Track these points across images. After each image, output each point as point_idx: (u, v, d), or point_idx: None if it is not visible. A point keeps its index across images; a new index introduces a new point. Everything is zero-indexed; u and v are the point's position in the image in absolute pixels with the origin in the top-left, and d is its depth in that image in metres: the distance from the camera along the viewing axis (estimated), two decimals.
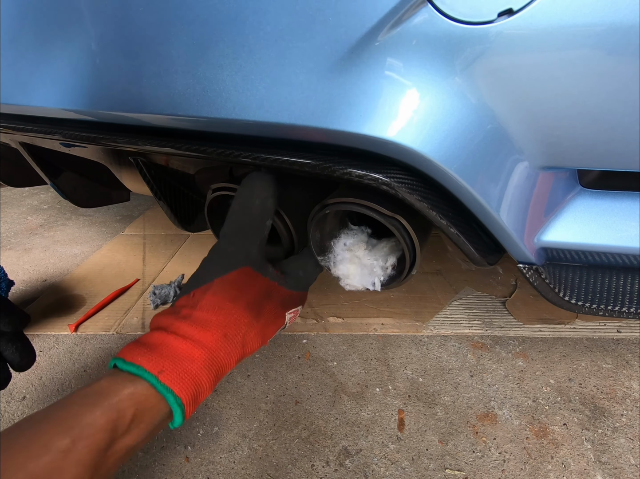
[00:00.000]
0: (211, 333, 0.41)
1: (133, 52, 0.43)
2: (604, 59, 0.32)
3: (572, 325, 0.83)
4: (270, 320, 0.46)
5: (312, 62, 0.36)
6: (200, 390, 0.39)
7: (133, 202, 1.65)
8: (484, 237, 0.47)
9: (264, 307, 0.46)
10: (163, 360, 0.37)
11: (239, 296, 0.44)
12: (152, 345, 0.39)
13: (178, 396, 0.36)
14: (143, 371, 0.36)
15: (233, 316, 0.43)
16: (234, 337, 0.42)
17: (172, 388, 0.36)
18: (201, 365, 0.39)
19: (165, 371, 0.37)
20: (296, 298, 0.51)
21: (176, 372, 0.37)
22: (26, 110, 0.57)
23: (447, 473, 0.56)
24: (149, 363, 0.37)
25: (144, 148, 0.49)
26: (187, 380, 0.37)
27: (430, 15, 0.32)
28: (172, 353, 0.38)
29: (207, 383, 0.39)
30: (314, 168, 0.41)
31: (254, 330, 0.44)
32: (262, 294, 0.46)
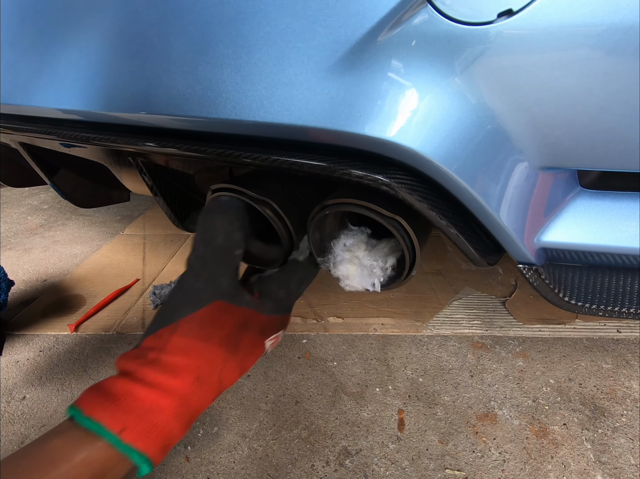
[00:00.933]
0: (181, 378, 0.37)
1: (133, 52, 0.43)
2: (603, 59, 0.32)
3: (572, 325, 0.83)
4: (248, 352, 0.42)
5: (312, 62, 0.36)
6: (170, 439, 0.36)
7: (133, 202, 1.66)
8: (484, 237, 0.47)
9: (241, 340, 0.42)
10: (126, 416, 0.34)
11: (211, 335, 0.40)
12: (114, 395, 0.35)
13: (144, 453, 0.33)
14: (102, 430, 0.33)
15: (205, 357, 0.39)
16: (208, 378, 0.38)
17: (137, 445, 0.33)
18: (171, 414, 0.35)
19: (129, 428, 0.33)
20: (276, 323, 0.46)
21: (141, 428, 0.34)
22: (26, 110, 0.57)
23: (447, 473, 0.56)
24: (110, 420, 0.33)
25: (144, 148, 0.49)
26: (155, 433, 0.34)
27: (430, 15, 0.32)
28: (137, 405, 0.35)
29: (179, 430, 0.36)
30: (313, 168, 0.41)
31: (230, 366, 0.40)
32: (238, 326, 0.42)
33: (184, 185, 0.66)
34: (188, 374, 0.37)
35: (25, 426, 0.66)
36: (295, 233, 0.56)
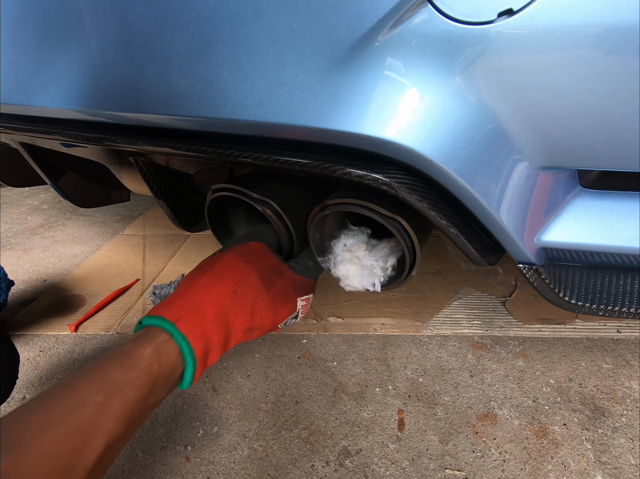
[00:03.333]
0: (222, 285, 0.43)
1: (133, 52, 0.43)
2: (603, 59, 0.32)
3: (572, 325, 0.83)
4: (281, 297, 0.48)
5: (312, 62, 0.36)
6: (209, 346, 0.40)
7: (133, 202, 1.65)
8: (484, 237, 0.47)
9: (275, 281, 0.48)
10: (179, 310, 0.40)
11: (252, 261, 0.47)
12: (172, 299, 0.42)
13: (191, 347, 0.38)
14: (162, 321, 0.38)
15: (245, 276, 0.45)
16: (243, 297, 0.44)
17: (187, 336, 0.38)
18: (209, 318, 0.40)
19: (182, 318, 0.39)
20: (307, 285, 0.53)
21: (191, 321, 0.39)
22: (26, 110, 0.57)
23: (447, 473, 0.56)
24: (168, 313, 0.39)
25: (144, 148, 0.49)
26: (200, 331, 0.39)
27: (430, 15, 0.32)
28: (187, 304, 0.41)
29: (217, 340, 0.40)
30: (314, 168, 0.41)
31: (263, 299, 0.45)
32: (274, 269, 0.49)
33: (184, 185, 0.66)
34: (229, 283, 0.44)
35: None
36: (295, 233, 0.56)
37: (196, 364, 0.39)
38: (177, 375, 0.38)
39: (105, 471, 0.31)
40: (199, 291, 0.42)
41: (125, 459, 0.60)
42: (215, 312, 0.41)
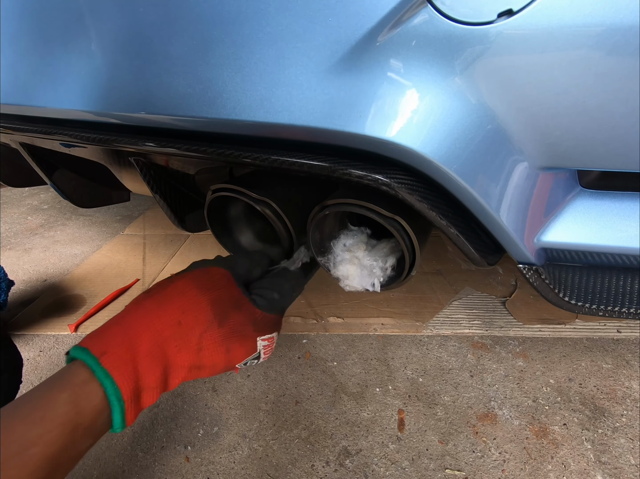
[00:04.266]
0: (166, 313, 0.38)
1: (133, 52, 0.43)
2: (603, 59, 0.32)
3: (572, 325, 0.83)
4: (236, 334, 0.41)
5: (312, 62, 0.36)
6: (142, 384, 0.35)
7: (133, 202, 1.65)
8: (484, 237, 0.47)
9: (230, 315, 0.41)
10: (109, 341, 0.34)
11: (207, 289, 0.41)
12: (106, 326, 0.37)
13: (117, 386, 0.33)
14: (86, 354, 0.33)
15: (194, 305, 0.39)
16: (189, 330, 0.38)
17: (112, 374, 0.33)
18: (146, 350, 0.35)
19: (108, 352, 0.33)
20: (269, 323, 0.46)
21: (119, 356, 0.33)
22: (26, 110, 0.57)
23: (447, 473, 0.56)
24: (95, 344, 0.34)
25: (144, 148, 0.49)
26: (130, 368, 0.34)
27: (430, 15, 0.32)
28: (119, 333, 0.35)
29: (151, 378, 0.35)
30: (313, 168, 0.41)
31: (213, 334, 0.39)
32: (231, 301, 0.42)
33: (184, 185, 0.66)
34: (174, 310, 0.38)
35: None
36: (295, 233, 0.56)
37: (124, 406, 0.33)
38: (104, 420, 0.33)
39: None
40: (136, 318, 0.37)
41: (125, 459, 0.60)
42: (151, 344, 0.36)
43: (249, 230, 0.70)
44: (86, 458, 0.61)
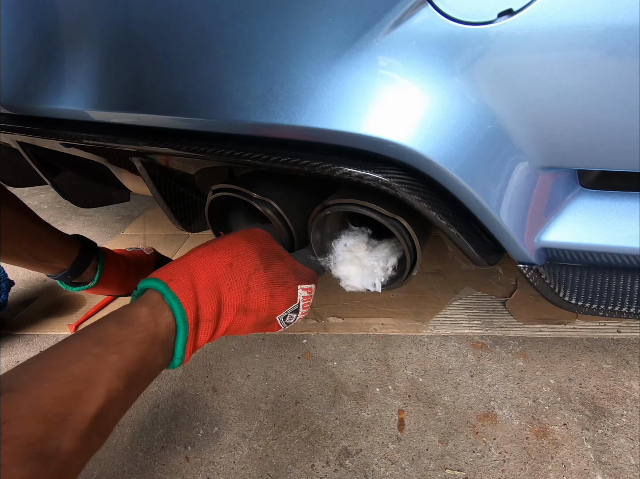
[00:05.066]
0: (219, 255, 0.42)
1: (133, 52, 0.43)
2: (604, 59, 0.32)
3: (572, 325, 0.83)
4: (279, 279, 0.46)
5: (312, 62, 0.36)
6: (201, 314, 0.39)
7: (133, 202, 1.65)
8: (484, 237, 0.47)
9: (274, 263, 0.46)
10: (172, 272, 0.39)
11: (253, 240, 0.47)
12: (168, 264, 0.41)
13: (182, 308, 0.36)
14: (155, 281, 0.38)
15: (242, 251, 0.44)
16: (239, 271, 0.43)
17: (179, 296, 0.37)
18: (204, 284, 0.39)
19: (174, 280, 0.38)
20: (307, 274, 0.51)
21: (183, 282, 0.38)
22: (26, 110, 0.57)
23: (447, 473, 0.56)
24: (161, 274, 0.39)
25: (144, 148, 0.49)
26: (191, 293, 0.38)
27: (430, 15, 0.32)
28: (180, 268, 0.40)
29: (208, 310, 0.39)
30: (313, 168, 0.41)
31: (260, 276, 0.44)
32: (274, 253, 0.48)
33: (184, 185, 0.66)
34: (226, 254, 0.43)
35: None
36: (296, 233, 0.56)
37: (188, 331, 0.37)
38: (171, 342, 0.37)
39: (108, 432, 0.31)
40: (194, 258, 0.42)
41: (125, 459, 0.60)
42: (207, 280, 0.40)
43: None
44: None
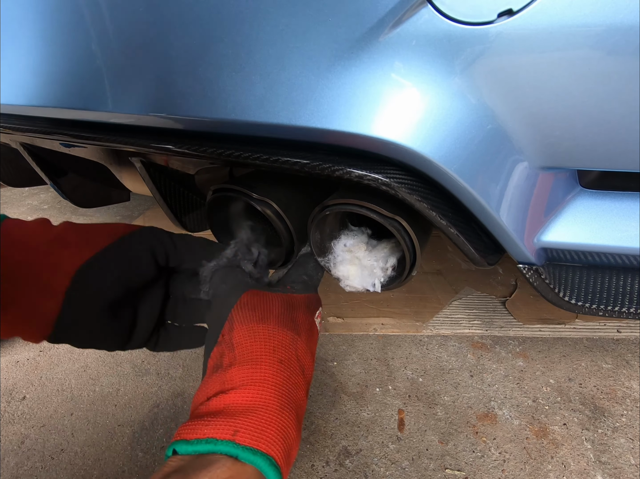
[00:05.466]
0: (266, 364, 0.34)
1: (133, 52, 0.43)
2: (603, 59, 0.32)
3: (572, 325, 0.83)
4: (308, 331, 0.41)
5: (311, 62, 0.36)
6: (287, 438, 0.32)
7: (133, 202, 1.65)
8: (484, 237, 0.47)
9: (296, 318, 0.41)
10: (233, 420, 0.30)
11: (266, 316, 0.38)
12: (212, 412, 0.31)
13: (266, 454, 0.29)
14: (215, 442, 0.28)
15: (274, 338, 0.37)
16: (289, 360, 0.36)
17: (257, 446, 0.29)
18: (275, 407, 0.32)
19: (240, 430, 0.29)
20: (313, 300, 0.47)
21: (253, 426, 0.30)
22: (26, 110, 0.57)
23: (447, 473, 0.56)
24: (218, 430, 0.29)
25: (144, 148, 0.49)
26: (269, 430, 0.31)
27: (430, 15, 0.32)
28: (238, 409, 0.31)
29: (292, 428, 0.33)
30: (313, 168, 0.41)
31: (301, 345, 0.38)
32: (286, 306, 0.41)
33: (184, 185, 0.66)
34: (268, 357, 0.35)
35: (25, 426, 0.66)
36: (295, 233, 0.56)
37: (280, 466, 0.30)
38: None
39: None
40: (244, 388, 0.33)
41: (125, 459, 0.60)
42: (273, 397, 0.33)
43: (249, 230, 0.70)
44: (86, 459, 0.61)
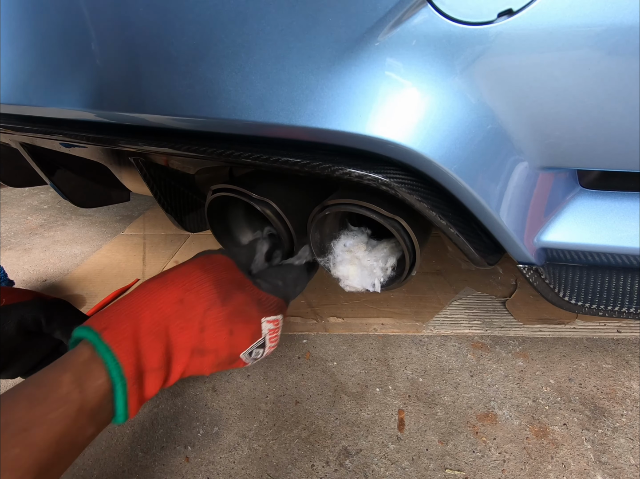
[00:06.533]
0: (168, 291, 0.37)
1: (133, 52, 0.43)
2: (603, 59, 0.32)
3: (572, 325, 0.83)
4: (240, 314, 0.40)
5: (311, 62, 0.36)
6: (144, 363, 0.33)
7: (133, 202, 1.65)
8: (484, 237, 0.47)
9: (234, 295, 0.41)
10: (110, 317, 0.33)
11: (210, 270, 0.41)
12: (109, 307, 0.36)
13: (119, 361, 0.31)
14: (88, 331, 0.32)
15: (196, 283, 0.39)
16: (191, 308, 0.37)
17: (114, 348, 0.31)
18: (148, 327, 0.34)
19: (109, 327, 0.32)
20: (274, 304, 0.45)
21: (120, 331, 0.32)
22: (26, 110, 0.57)
23: (447, 473, 0.56)
24: (97, 321, 0.33)
25: (144, 148, 0.49)
26: (130, 342, 0.32)
27: (430, 15, 0.32)
28: (121, 310, 0.34)
29: (154, 357, 0.34)
30: (313, 168, 0.41)
31: (216, 313, 0.38)
32: (235, 283, 0.42)
33: (184, 185, 0.66)
34: (177, 289, 0.37)
35: None
36: (295, 233, 0.56)
37: (127, 385, 0.32)
38: (108, 404, 0.32)
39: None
40: (139, 297, 0.36)
41: (125, 459, 0.60)
42: (152, 322, 0.34)
43: (249, 230, 0.70)
44: (86, 459, 0.61)
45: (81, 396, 0.29)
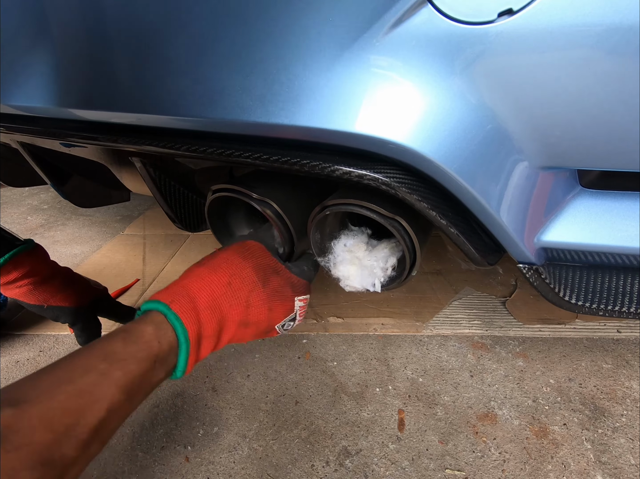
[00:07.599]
0: (217, 276, 0.44)
1: (133, 52, 0.43)
2: (603, 59, 0.32)
3: (572, 325, 0.83)
4: (277, 294, 0.48)
5: (312, 62, 0.36)
6: (202, 331, 0.41)
7: (133, 202, 1.65)
8: (484, 237, 0.47)
9: (272, 279, 0.49)
10: (173, 294, 0.41)
11: (248, 257, 0.48)
12: (168, 287, 0.43)
13: (185, 328, 0.38)
14: (157, 303, 0.40)
15: (239, 269, 0.46)
16: (238, 289, 0.45)
17: (181, 317, 0.39)
18: (204, 304, 0.41)
19: (175, 301, 0.40)
20: (303, 286, 0.53)
21: (184, 304, 0.40)
22: (26, 110, 0.57)
23: (447, 473, 0.56)
24: (162, 296, 0.41)
25: (144, 148, 0.49)
26: (192, 313, 0.40)
27: (430, 15, 0.32)
28: (180, 290, 0.42)
29: (210, 327, 0.41)
30: (313, 168, 0.41)
31: (259, 294, 0.46)
32: (270, 268, 0.50)
33: (184, 185, 0.66)
34: (224, 274, 0.45)
35: None
36: (295, 233, 0.56)
37: (190, 347, 0.39)
38: (173, 358, 0.39)
39: (107, 440, 0.32)
40: (193, 280, 0.43)
41: (125, 459, 0.60)
42: (208, 299, 0.42)
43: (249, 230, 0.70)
44: None
45: (159, 345, 0.37)
